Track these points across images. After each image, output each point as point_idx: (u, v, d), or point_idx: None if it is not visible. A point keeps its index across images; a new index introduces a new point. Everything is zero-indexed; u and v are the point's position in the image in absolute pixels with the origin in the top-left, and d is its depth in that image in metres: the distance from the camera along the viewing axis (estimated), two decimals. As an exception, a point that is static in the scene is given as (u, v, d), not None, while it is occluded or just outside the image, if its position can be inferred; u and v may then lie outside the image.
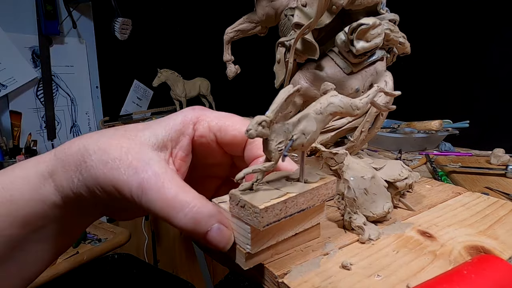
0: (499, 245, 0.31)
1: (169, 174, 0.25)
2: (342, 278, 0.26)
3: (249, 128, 0.24)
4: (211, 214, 0.24)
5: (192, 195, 0.24)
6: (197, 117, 0.29)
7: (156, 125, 0.28)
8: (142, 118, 1.69)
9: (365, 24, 0.39)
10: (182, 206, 0.24)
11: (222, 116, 0.30)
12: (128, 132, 0.27)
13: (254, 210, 0.24)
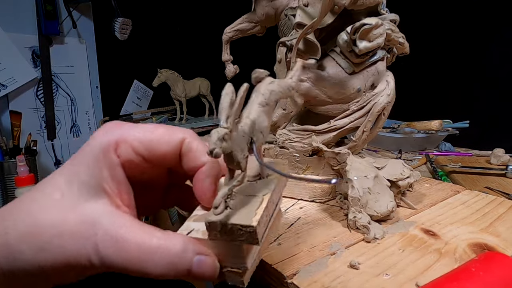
0: (502, 242, 0.32)
1: (121, 224, 0.22)
2: (351, 278, 0.26)
3: (212, 147, 0.21)
4: (185, 249, 0.22)
5: (156, 237, 0.22)
6: (116, 141, 0.24)
7: (74, 168, 0.23)
8: (142, 118, 1.69)
9: (368, 24, 0.39)
10: (150, 254, 0.21)
11: (144, 132, 0.25)
12: (47, 193, 0.23)
13: (247, 229, 0.22)
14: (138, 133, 0.25)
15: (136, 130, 0.25)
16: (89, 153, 0.24)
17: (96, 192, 0.23)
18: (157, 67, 1.50)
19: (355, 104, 0.47)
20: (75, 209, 0.22)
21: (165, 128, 0.26)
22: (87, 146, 0.24)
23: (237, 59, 0.64)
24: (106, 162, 0.23)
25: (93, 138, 0.24)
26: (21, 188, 0.81)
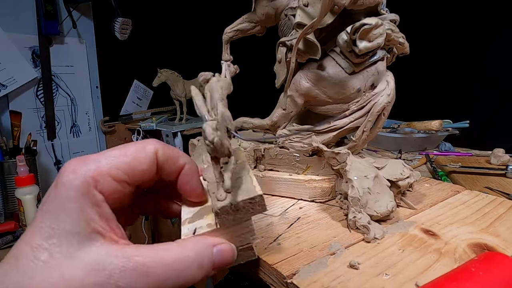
0: (502, 242, 0.32)
1: (132, 255, 0.21)
2: (351, 278, 0.26)
3: (211, 137, 0.23)
4: (203, 248, 0.23)
5: (172, 251, 0.22)
6: (92, 177, 0.23)
7: (49, 222, 0.21)
8: (142, 118, 1.69)
9: (368, 24, 0.39)
10: (176, 270, 0.22)
11: (118, 157, 0.24)
12: (30, 259, 0.20)
13: (255, 200, 0.25)
14: (112, 161, 0.24)
15: (108, 159, 0.24)
16: (65, 199, 0.21)
17: (87, 237, 0.21)
18: (157, 67, 1.50)
19: (355, 104, 0.47)
20: (72, 262, 0.20)
21: (134, 146, 0.25)
22: (57, 193, 0.22)
23: (237, 59, 0.64)
24: (89, 203, 0.22)
25: (62, 184, 0.22)
26: (21, 188, 0.81)
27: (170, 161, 0.26)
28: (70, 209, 0.21)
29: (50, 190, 0.22)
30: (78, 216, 0.21)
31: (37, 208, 0.80)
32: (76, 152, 1.50)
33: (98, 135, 1.57)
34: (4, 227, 0.97)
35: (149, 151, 0.25)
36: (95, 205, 0.22)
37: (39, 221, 0.21)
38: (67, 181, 0.22)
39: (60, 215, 0.21)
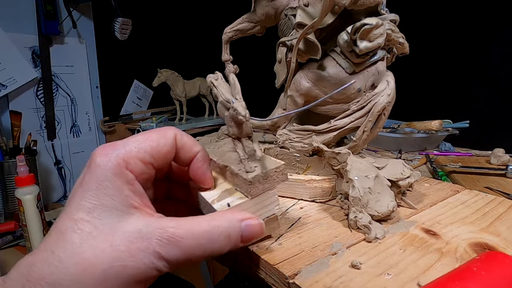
0: (502, 242, 0.32)
1: (167, 225, 0.24)
2: (353, 278, 0.26)
3: (245, 112, 0.28)
4: (232, 221, 0.25)
5: (205, 222, 0.25)
6: (123, 159, 0.25)
7: (91, 199, 0.24)
8: (142, 118, 1.69)
9: (369, 24, 0.39)
10: (207, 239, 0.24)
11: (143, 142, 0.27)
12: (79, 232, 0.23)
13: (280, 168, 0.31)
14: (139, 145, 0.26)
15: (135, 143, 0.26)
16: (102, 178, 0.24)
17: (125, 211, 0.24)
18: (157, 67, 1.50)
19: (355, 104, 0.47)
20: (115, 232, 0.23)
21: (156, 132, 0.28)
22: (93, 173, 0.24)
23: (237, 59, 0.64)
24: (123, 181, 0.24)
25: (97, 165, 0.24)
26: (21, 188, 0.81)
27: (187, 147, 0.29)
28: (107, 187, 0.24)
29: (85, 172, 0.25)
30: (115, 192, 0.24)
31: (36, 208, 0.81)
32: (76, 152, 1.50)
33: (98, 135, 1.57)
34: (4, 227, 0.97)
35: (169, 136, 0.28)
36: (128, 183, 0.25)
37: (79, 198, 0.24)
38: (102, 163, 0.24)
39: (99, 193, 0.24)
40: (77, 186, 0.25)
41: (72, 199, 0.24)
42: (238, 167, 0.32)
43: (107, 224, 0.23)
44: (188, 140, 0.29)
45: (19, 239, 0.98)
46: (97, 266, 0.21)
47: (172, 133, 0.28)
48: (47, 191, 1.40)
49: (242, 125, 0.31)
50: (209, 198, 0.31)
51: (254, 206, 0.30)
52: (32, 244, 0.83)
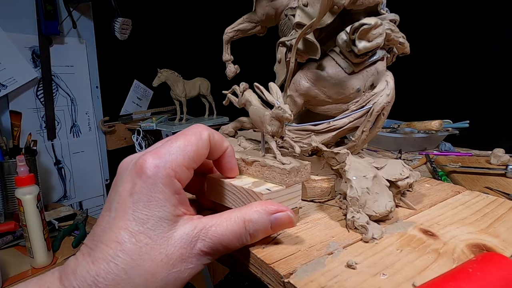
0: (501, 243, 0.31)
1: (208, 225, 0.27)
2: (348, 277, 0.26)
3: (290, 111, 0.36)
4: (263, 213, 0.28)
5: (237, 221, 0.28)
6: (172, 169, 0.27)
7: (144, 210, 0.25)
8: (142, 118, 1.69)
9: (367, 24, 0.39)
10: (241, 234, 0.28)
11: (185, 148, 0.28)
12: (133, 242, 0.25)
13: (307, 167, 0.37)
14: (184, 151, 0.28)
15: (179, 151, 0.27)
16: (153, 190, 0.25)
17: (174, 220, 0.26)
18: (157, 67, 1.50)
19: (354, 104, 0.47)
20: (168, 241, 0.25)
21: (193, 134, 0.29)
22: (145, 185, 0.25)
23: (237, 59, 0.64)
24: (172, 191, 0.26)
25: (148, 177, 0.26)
26: (21, 188, 0.81)
27: (218, 145, 0.31)
28: (158, 198, 0.25)
29: (135, 182, 0.26)
30: (166, 203, 0.26)
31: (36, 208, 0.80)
32: (76, 152, 1.50)
33: (98, 135, 1.57)
34: (4, 227, 0.98)
35: (205, 138, 0.29)
36: (176, 192, 0.26)
37: (132, 210, 0.25)
38: (153, 174, 0.26)
39: (151, 204, 0.25)
40: (126, 195, 0.26)
41: (125, 210, 0.25)
42: (271, 161, 0.37)
43: (160, 234, 0.25)
44: (219, 137, 0.31)
45: (19, 239, 0.99)
46: (158, 275, 0.24)
47: (207, 134, 0.30)
48: (47, 191, 1.40)
49: (283, 124, 0.37)
50: (245, 185, 0.35)
51: (285, 196, 0.35)
52: (32, 244, 0.83)
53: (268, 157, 0.39)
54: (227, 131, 0.63)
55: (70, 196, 1.49)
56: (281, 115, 0.36)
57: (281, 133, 0.39)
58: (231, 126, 0.63)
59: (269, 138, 0.39)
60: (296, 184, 0.36)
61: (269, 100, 0.39)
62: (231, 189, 0.36)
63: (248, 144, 0.56)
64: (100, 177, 1.60)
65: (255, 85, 0.45)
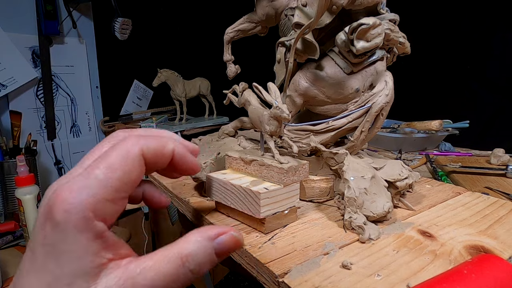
0: (499, 245, 0.31)
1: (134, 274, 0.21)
2: (342, 278, 0.26)
3: (288, 111, 0.36)
4: (203, 242, 0.23)
5: (172, 264, 0.22)
6: (89, 209, 0.20)
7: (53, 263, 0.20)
8: (142, 118, 1.69)
9: (366, 24, 0.39)
10: (183, 272, 0.22)
11: (102, 175, 0.21)
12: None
13: (305, 167, 0.38)
14: (103, 182, 0.21)
15: (97, 180, 0.21)
16: (65, 240, 0.20)
17: (95, 272, 0.21)
18: (157, 67, 1.50)
19: (353, 104, 0.47)
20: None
21: (117, 153, 0.22)
22: (55, 234, 0.20)
23: (238, 59, 0.64)
24: (91, 237, 0.20)
25: (57, 223, 0.20)
26: (21, 188, 0.81)
27: (159, 154, 0.25)
28: (71, 251, 0.20)
29: (45, 227, 0.20)
30: (82, 255, 0.20)
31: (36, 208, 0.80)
32: (76, 152, 1.50)
33: (98, 135, 1.57)
34: (4, 227, 0.98)
35: (134, 155, 0.23)
36: (98, 237, 0.21)
37: (43, 263, 0.20)
38: (63, 220, 0.20)
39: (63, 258, 0.20)
40: (38, 244, 0.20)
41: (36, 261, 0.20)
42: (270, 160, 0.37)
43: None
44: (158, 143, 0.25)
45: (19, 239, 0.99)
46: None
47: (137, 149, 0.23)
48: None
49: (281, 123, 0.38)
50: (243, 184, 0.35)
51: (283, 194, 0.35)
52: (31, 244, 0.83)
53: (266, 157, 0.39)
54: (227, 130, 0.63)
55: (70, 196, 1.49)
56: (279, 115, 0.36)
57: (280, 132, 0.39)
58: (231, 126, 0.63)
59: (267, 137, 0.40)
60: (294, 183, 0.36)
61: (267, 100, 0.39)
62: (230, 188, 0.36)
63: (248, 143, 0.56)
64: (100, 177, 1.60)
65: (254, 85, 0.45)
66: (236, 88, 0.54)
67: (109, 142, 0.25)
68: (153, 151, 0.24)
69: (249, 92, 0.50)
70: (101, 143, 0.25)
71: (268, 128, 0.39)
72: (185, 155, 0.27)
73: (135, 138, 0.24)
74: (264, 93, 0.41)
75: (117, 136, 0.25)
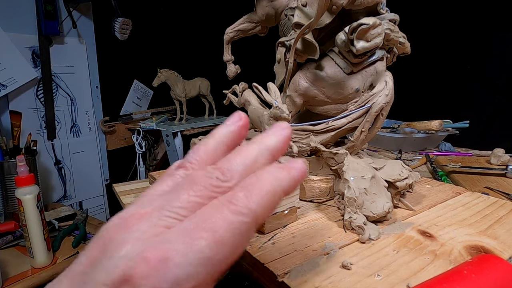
0: (499, 245, 0.31)
1: None
2: (342, 278, 0.26)
3: (288, 111, 0.37)
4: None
5: None
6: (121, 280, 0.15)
7: None
8: (142, 118, 1.69)
9: (365, 24, 0.39)
10: None
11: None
12: None
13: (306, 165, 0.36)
14: (211, 261, 0.16)
15: (199, 260, 0.16)
16: None
17: None
18: (157, 67, 1.50)
19: (353, 104, 0.47)
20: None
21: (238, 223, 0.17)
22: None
23: (238, 59, 0.64)
24: None
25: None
26: (21, 188, 0.81)
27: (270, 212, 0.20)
28: None
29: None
30: None
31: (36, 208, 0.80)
32: (76, 152, 1.50)
33: (98, 135, 1.57)
34: (4, 227, 0.98)
35: (249, 229, 0.18)
36: None
37: None
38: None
39: None
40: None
41: None
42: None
43: None
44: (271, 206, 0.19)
45: (19, 239, 0.99)
46: None
47: (250, 219, 0.18)
48: (47, 191, 1.40)
49: None
50: None
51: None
52: (32, 244, 0.83)
53: None
54: (264, 129, 0.63)
55: (70, 196, 1.49)
56: (279, 115, 0.36)
57: None
58: (230, 126, 0.63)
59: None
60: None
61: (267, 100, 0.39)
62: None
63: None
64: (100, 177, 1.60)
65: (254, 85, 0.45)
66: (236, 88, 0.54)
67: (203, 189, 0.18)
68: (267, 214, 0.19)
69: (249, 92, 0.50)
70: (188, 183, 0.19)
71: (268, 128, 0.39)
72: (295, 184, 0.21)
73: (247, 198, 0.18)
74: (264, 93, 0.41)
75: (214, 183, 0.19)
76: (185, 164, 0.21)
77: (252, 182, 0.18)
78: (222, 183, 0.19)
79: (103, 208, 1.63)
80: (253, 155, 0.20)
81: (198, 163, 0.21)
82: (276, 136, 0.22)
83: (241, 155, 0.20)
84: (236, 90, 0.53)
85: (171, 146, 1.48)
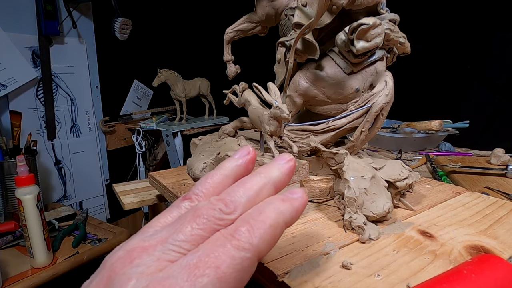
0: (499, 245, 0.31)
1: None
2: (342, 278, 0.26)
3: (288, 111, 0.36)
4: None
5: None
6: None
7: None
8: (142, 118, 1.69)
9: (365, 24, 0.39)
10: None
11: None
12: None
13: (305, 166, 0.39)
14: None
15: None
16: None
17: None
18: (157, 67, 1.50)
19: (353, 104, 0.47)
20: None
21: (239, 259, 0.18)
22: None
23: (238, 59, 0.64)
24: None
25: None
26: (21, 188, 0.81)
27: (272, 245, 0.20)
28: None
29: None
30: None
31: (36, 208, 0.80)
32: (76, 152, 1.50)
33: (98, 135, 1.57)
34: (4, 227, 0.98)
35: (251, 265, 0.19)
36: None
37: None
38: None
39: None
40: None
41: None
42: (269, 160, 0.37)
43: None
44: (272, 241, 0.20)
45: (19, 239, 0.99)
46: None
47: (251, 254, 0.18)
48: (47, 191, 1.40)
49: (281, 123, 0.39)
50: None
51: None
52: (32, 244, 0.83)
53: (266, 156, 0.39)
54: (227, 130, 0.63)
55: (70, 196, 1.49)
56: (279, 115, 0.36)
57: (279, 132, 0.39)
58: (231, 126, 0.63)
59: (267, 137, 0.40)
60: (294, 183, 0.36)
61: (267, 100, 0.39)
62: None
63: (247, 144, 0.56)
64: (100, 177, 1.60)
65: (254, 85, 0.45)
66: (236, 88, 0.54)
67: (197, 226, 0.19)
68: (269, 248, 0.19)
69: (249, 92, 0.50)
70: (184, 216, 0.19)
71: (268, 128, 0.39)
72: (298, 215, 0.21)
73: (250, 233, 0.18)
74: (264, 93, 0.41)
75: (211, 219, 0.19)
76: (191, 196, 0.22)
77: (254, 216, 0.19)
78: (225, 215, 0.19)
79: (103, 208, 1.63)
80: (257, 187, 0.21)
81: (205, 196, 0.22)
82: (279, 169, 0.22)
83: (244, 187, 0.21)
84: (236, 90, 0.53)
85: (171, 146, 1.48)
